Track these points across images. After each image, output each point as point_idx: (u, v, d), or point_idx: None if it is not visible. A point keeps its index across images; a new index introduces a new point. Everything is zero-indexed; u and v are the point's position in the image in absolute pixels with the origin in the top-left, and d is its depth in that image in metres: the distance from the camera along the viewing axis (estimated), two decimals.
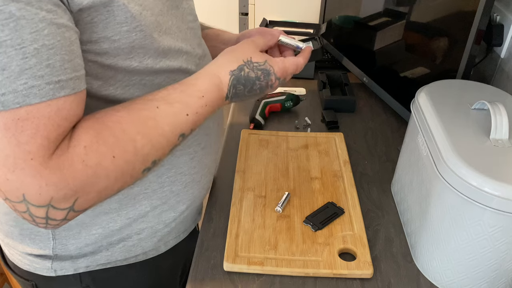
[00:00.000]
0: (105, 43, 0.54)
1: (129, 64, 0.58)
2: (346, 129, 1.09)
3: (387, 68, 1.14)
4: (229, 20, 1.94)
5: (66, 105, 0.48)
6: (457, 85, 0.82)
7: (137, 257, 0.74)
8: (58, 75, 0.47)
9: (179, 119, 0.58)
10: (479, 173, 0.60)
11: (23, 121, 0.46)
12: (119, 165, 0.52)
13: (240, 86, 0.64)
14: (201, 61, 0.71)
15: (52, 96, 0.47)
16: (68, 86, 0.48)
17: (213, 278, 0.72)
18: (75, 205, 0.51)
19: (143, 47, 0.58)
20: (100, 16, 0.52)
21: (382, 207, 0.87)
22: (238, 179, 0.90)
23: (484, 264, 0.65)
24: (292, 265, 0.72)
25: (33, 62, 0.45)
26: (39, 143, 0.47)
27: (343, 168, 0.93)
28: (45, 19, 0.45)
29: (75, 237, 0.68)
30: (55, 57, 0.46)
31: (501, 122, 0.66)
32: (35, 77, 0.45)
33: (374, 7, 1.16)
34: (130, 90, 0.60)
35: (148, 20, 0.57)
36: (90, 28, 0.52)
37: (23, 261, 0.72)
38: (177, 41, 0.64)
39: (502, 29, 0.97)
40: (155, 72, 0.61)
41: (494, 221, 0.61)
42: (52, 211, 0.49)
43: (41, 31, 0.45)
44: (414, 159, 0.78)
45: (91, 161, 0.50)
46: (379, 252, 0.77)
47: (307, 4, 1.52)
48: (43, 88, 0.46)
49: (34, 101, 0.46)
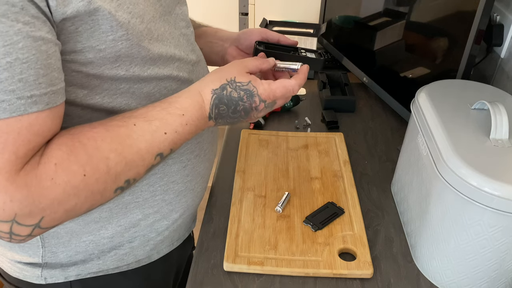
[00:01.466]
0: (90, 52, 0.53)
1: (116, 73, 0.57)
2: (346, 129, 1.09)
3: (387, 68, 1.14)
4: (229, 20, 1.94)
5: (39, 120, 0.47)
6: (457, 85, 0.82)
7: (129, 265, 0.73)
8: (31, 90, 0.46)
9: (157, 137, 0.56)
10: (479, 173, 0.60)
11: None
12: (89, 183, 0.51)
13: (223, 106, 0.62)
14: (195, 68, 0.70)
15: (23, 111, 0.45)
16: (42, 101, 0.47)
17: (213, 278, 0.72)
18: (41, 223, 0.50)
19: (129, 55, 0.56)
20: (84, 25, 0.50)
21: (382, 207, 0.87)
22: (238, 179, 0.90)
23: (484, 264, 0.65)
24: (292, 265, 0.72)
25: (5, 76, 0.44)
26: (5, 158, 0.46)
27: (343, 168, 0.93)
28: (21, 32, 0.44)
29: (65, 245, 0.67)
30: (28, 71, 0.45)
31: (501, 122, 0.66)
32: (5, 92, 0.44)
33: (374, 7, 1.16)
34: (118, 98, 0.59)
35: (137, 28, 0.55)
36: (74, 38, 0.51)
37: (13, 268, 0.70)
38: (169, 47, 0.63)
39: (502, 29, 0.97)
40: (143, 79, 0.60)
41: (494, 221, 0.61)
42: (16, 227, 0.48)
43: (15, 44, 0.44)
44: (414, 159, 0.78)
45: (60, 178, 0.49)
46: (379, 252, 0.77)
47: (307, 4, 1.52)
48: (13, 103, 0.45)
49: (3, 116, 0.44)
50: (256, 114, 0.65)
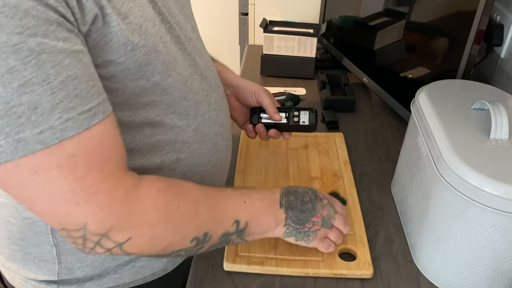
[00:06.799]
0: (110, 66, 0.52)
1: (137, 84, 0.56)
2: (346, 129, 1.09)
3: (387, 68, 1.14)
4: (229, 20, 1.94)
5: (105, 132, 0.49)
6: (457, 85, 0.82)
7: (145, 278, 0.72)
8: (88, 103, 0.47)
9: (239, 203, 0.63)
10: (479, 173, 0.60)
11: (74, 157, 0.46)
12: (179, 218, 0.55)
13: (292, 196, 0.68)
14: (205, 74, 0.68)
15: (87, 125, 0.46)
16: (99, 111, 0.48)
17: (213, 278, 0.72)
18: (126, 243, 0.52)
19: (149, 63, 0.55)
20: (104, 39, 0.50)
21: (382, 207, 0.87)
22: (238, 179, 0.90)
23: (484, 264, 0.65)
24: (292, 265, 0.72)
25: (62, 95, 0.44)
26: (96, 177, 0.48)
27: (343, 168, 0.93)
28: (64, 50, 0.44)
29: (82, 261, 0.66)
30: (80, 86, 0.46)
31: (501, 122, 0.66)
32: (68, 110, 0.45)
33: (374, 7, 1.16)
34: (139, 111, 0.59)
35: (150, 32, 0.54)
36: (96, 53, 0.50)
37: (26, 286, 0.69)
38: (183, 50, 0.62)
39: (502, 29, 0.97)
40: (164, 89, 0.59)
41: (494, 221, 0.61)
42: (104, 240, 0.51)
43: (62, 62, 0.44)
44: (414, 159, 0.78)
45: (160, 204, 0.53)
46: (379, 252, 0.77)
47: (307, 4, 1.52)
48: (77, 120, 0.46)
49: (72, 133, 0.45)
50: (321, 208, 0.69)
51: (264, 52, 1.29)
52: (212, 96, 0.69)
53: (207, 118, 0.67)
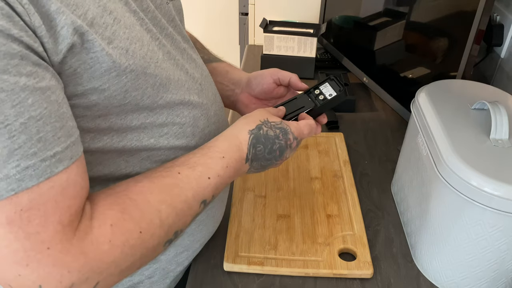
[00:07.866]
0: (93, 94, 0.47)
1: (123, 109, 0.51)
2: (346, 129, 1.09)
3: (387, 68, 1.14)
4: (229, 20, 1.94)
5: (70, 180, 0.43)
6: (457, 85, 0.82)
7: None
8: (53, 148, 0.41)
9: (201, 183, 0.55)
10: (479, 173, 0.60)
11: (28, 211, 0.40)
12: (145, 240, 0.50)
13: (260, 145, 0.62)
14: (203, 87, 0.65)
15: (50, 173, 0.41)
16: (66, 157, 0.43)
17: (213, 278, 0.72)
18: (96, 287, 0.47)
19: (137, 88, 0.51)
20: (83, 66, 0.45)
21: (382, 207, 0.87)
22: (238, 179, 0.90)
23: (484, 264, 0.65)
24: (292, 265, 0.72)
25: (22, 139, 0.39)
26: (52, 230, 0.42)
27: (343, 168, 0.93)
28: (27, 87, 0.39)
29: None
30: (45, 128, 0.40)
31: (501, 122, 0.66)
32: (27, 157, 0.39)
33: (374, 7, 1.16)
34: (128, 135, 0.55)
35: (138, 54, 0.50)
36: (74, 80, 0.45)
37: None
38: (175, 68, 0.59)
39: (502, 29, 0.97)
40: (154, 111, 0.56)
41: (494, 221, 0.61)
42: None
43: (24, 101, 0.39)
44: (414, 159, 0.78)
45: (118, 240, 0.47)
46: (379, 252, 0.77)
47: (307, 4, 1.52)
48: (38, 167, 0.40)
49: (30, 184, 0.40)
50: (289, 153, 0.65)
51: (264, 52, 1.29)
52: (211, 109, 0.65)
53: (206, 133, 0.64)
